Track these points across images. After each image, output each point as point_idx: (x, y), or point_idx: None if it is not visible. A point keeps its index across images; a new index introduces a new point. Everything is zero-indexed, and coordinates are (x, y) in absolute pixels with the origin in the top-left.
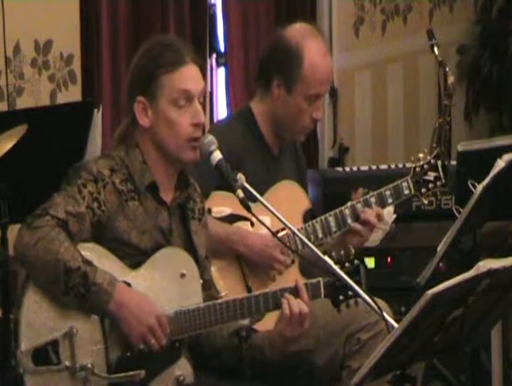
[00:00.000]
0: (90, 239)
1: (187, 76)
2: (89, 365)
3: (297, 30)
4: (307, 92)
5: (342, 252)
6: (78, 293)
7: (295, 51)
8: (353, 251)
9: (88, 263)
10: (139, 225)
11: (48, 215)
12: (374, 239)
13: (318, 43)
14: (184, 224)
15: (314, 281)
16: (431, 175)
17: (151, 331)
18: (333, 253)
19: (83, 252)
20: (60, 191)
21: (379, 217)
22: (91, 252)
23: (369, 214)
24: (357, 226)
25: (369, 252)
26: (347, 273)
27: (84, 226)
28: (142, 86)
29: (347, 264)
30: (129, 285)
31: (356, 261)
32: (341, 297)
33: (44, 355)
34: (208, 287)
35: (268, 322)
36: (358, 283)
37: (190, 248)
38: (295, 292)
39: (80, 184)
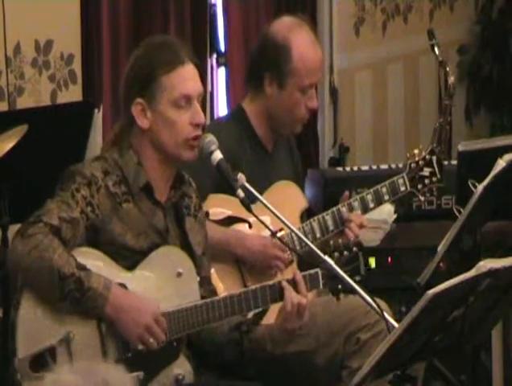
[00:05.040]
0: (85, 243)
1: (187, 78)
2: None
3: (282, 25)
4: (301, 84)
5: (340, 241)
6: (74, 298)
7: (283, 46)
8: (351, 240)
9: (83, 268)
10: (134, 227)
11: (42, 222)
12: (375, 239)
13: (305, 34)
14: (179, 223)
15: (312, 271)
16: (426, 171)
17: (149, 330)
18: (331, 242)
19: (77, 257)
20: (54, 197)
21: (361, 226)
22: (86, 256)
23: (353, 227)
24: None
25: (369, 252)
26: (345, 262)
27: (78, 231)
28: (140, 87)
29: (345, 253)
30: (124, 286)
31: (354, 249)
32: (340, 287)
33: (42, 362)
34: (207, 283)
35: (271, 317)
36: (356, 270)
37: (186, 246)
38: (292, 284)
39: (73, 189)
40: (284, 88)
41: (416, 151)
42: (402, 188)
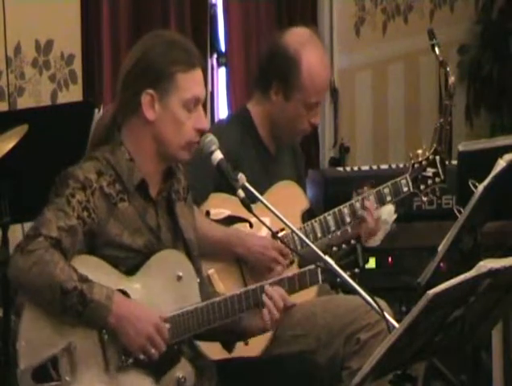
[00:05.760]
0: (84, 249)
1: (198, 81)
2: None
3: (296, 37)
4: (306, 101)
5: (339, 233)
6: (76, 311)
7: (293, 60)
8: (350, 233)
9: (84, 280)
10: (130, 225)
11: (41, 235)
12: (375, 239)
13: (317, 51)
14: (170, 211)
15: (312, 267)
16: (429, 171)
17: (150, 341)
18: (329, 236)
19: (77, 266)
20: (49, 205)
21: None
22: (85, 264)
23: (368, 214)
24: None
25: (369, 252)
26: (344, 254)
27: (76, 238)
28: (152, 79)
29: (344, 246)
30: (125, 293)
31: (352, 242)
32: (339, 280)
33: (44, 372)
34: (197, 262)
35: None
36: (355, 262)
37: (178, 235)
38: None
39: (68, 194)
40: (289, 100)
41: (420, 151)
42: (405, 189)
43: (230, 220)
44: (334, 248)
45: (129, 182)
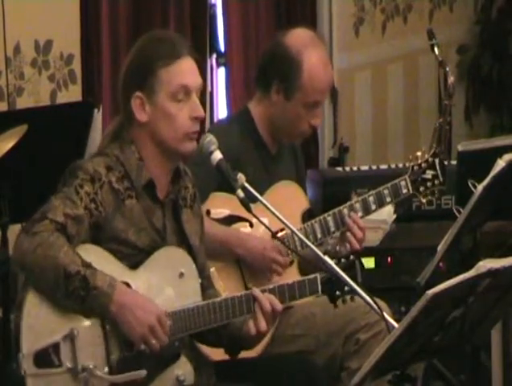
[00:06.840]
0: (89, 240)
1: (185, 70)
2: (91, 366)
3: (298, 38)
4: (306, 100)
5: (338, 248)
6: (78, 296)
7: (294, 60)
8: (348, 248)
9: (88, 266)
10: (136, 223)
11: (47, 219)
12: (374, 239)
13: (318, 53)
14: (176, 216)
15: (311, 276)
16: (429, 174)
17: (152, 331)
18: (329, 247)
19: (82, 255)
20: (57, 193)
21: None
22: (90, 253)
23: (356, 230)
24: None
25: (369, 252)
26: (342, 269)
27: (82, 228)
28: (139, 81)
29: (343, 260)
30: (128, 285)
31: (351, 257)
32: (338, 293)
33: (46, 358)
34: (203, 271)
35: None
36: (353, 278)
37: (183, 239)
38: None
39: (76, 185)
40: (290, 100)
41: (419, 153)
42: (405, 190)
43: (230, 220)
44: (333, 261)
45: (137, 180)
